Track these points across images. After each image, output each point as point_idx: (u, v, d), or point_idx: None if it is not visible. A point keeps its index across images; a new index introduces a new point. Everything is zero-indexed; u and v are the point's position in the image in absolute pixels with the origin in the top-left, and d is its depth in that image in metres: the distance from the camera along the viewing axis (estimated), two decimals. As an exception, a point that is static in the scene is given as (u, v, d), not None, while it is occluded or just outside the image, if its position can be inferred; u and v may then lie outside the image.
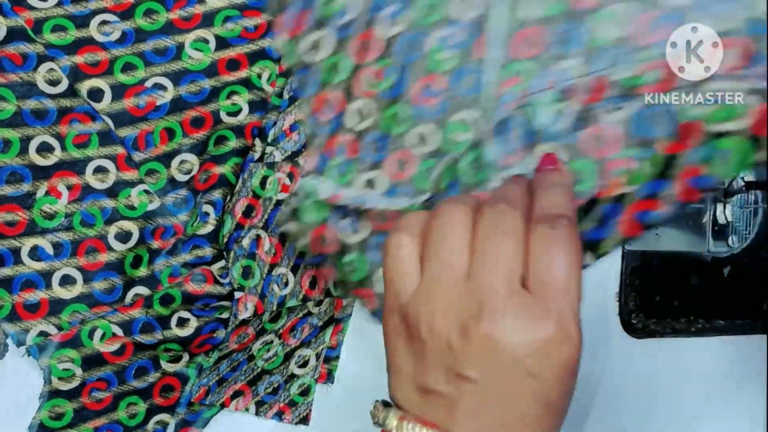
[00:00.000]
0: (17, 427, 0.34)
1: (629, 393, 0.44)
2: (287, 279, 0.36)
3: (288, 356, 0.37)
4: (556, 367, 0.24)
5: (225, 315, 0.35)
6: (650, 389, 0.45)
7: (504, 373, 0.24)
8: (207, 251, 0.34)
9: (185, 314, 0.34)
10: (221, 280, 0.34)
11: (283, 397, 0.37)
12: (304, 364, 0.37)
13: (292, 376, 0.37)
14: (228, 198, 0.35)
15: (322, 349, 0.37)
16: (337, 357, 0.38)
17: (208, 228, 0.34)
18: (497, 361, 0.24)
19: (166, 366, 0.35)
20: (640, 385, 0.45)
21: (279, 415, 0.37)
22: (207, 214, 0.34)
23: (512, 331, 0.24)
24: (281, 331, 0.37)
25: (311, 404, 0.37)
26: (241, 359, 0.36)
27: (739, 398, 0.47)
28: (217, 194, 0.34)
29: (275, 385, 0.37)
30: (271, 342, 0.37)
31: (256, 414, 0.37)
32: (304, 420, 0.37)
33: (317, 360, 0.37)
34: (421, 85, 0.32)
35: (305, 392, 0.37)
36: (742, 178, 0.44)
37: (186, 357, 0.35)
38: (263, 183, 0.35)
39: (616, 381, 0.44)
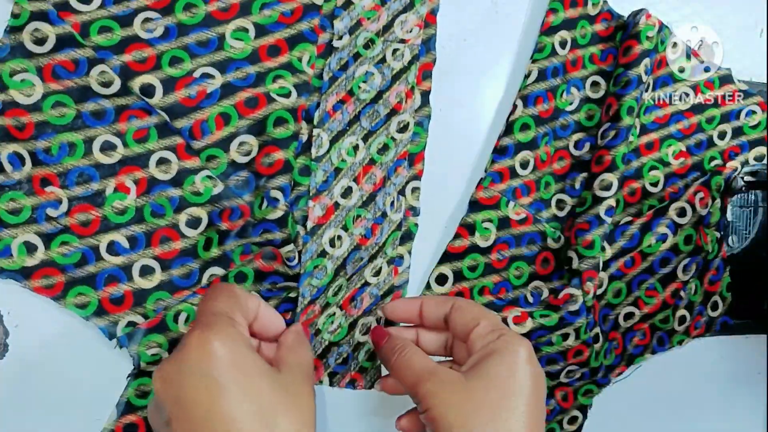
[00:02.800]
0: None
1: (629, 393, 0.45)
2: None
3: (352, 326, 0.39)
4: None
5: (293, 294, 0.37)
6: (650, 389, 0.45)
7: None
8: (277, 235, 0.35)
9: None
10: (289, 264, 0.36)
11: (353, 366, 0.40)
12: (368, 331, 0.40)
13: (359, 344, 0.40)
14: (292, 183, 0.37)
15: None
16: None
17: (278, 213, 0.35)
18: None
19: None
20: (640, 384, 0.45)
21: (352, 383, 0.40)
22: (276, 199, 0.35)
23: None
24: (341, 302, 0.39)
25: (380, 367, 0.40)
26: (309, 334, 0.39)
27: (739, 398, 0.48)
28: (283, 179, 0.35)
29: (344, 356, 0.39)
30: (334, 314, 0.39)
31: (330, 385, 0.39)
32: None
33: None
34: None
35: (372, 357, 0.40)
36: (742, 178, 0.46)
37: None
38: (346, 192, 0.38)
39: (617, 381, 0.45)
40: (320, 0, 0.37)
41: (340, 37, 0.38)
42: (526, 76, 0.41)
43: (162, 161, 0.35)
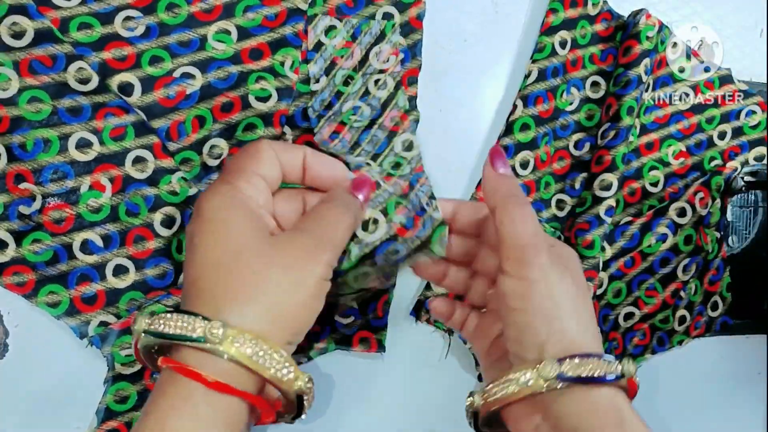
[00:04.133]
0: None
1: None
2: None
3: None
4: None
5: None
6: (650, 389, 0.45)
7: None
8: None
9: None
10: None
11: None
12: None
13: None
14: None
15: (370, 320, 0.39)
16: (385, 326, 0.39)
17: None
18: None
19: None
20: (640, 385, 0.45)
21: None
22: None
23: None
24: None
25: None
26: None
27: (739, 398, 0.47)
28: None
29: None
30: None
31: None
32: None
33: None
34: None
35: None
36: (742, 178, 0.45)
37: None
38: None
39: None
40: (304, 5, 0.37)
41: (317, 80, 0.37)
42: (526, 76, 0.41)
43: (138, 160, 0.35)
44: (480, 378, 0.41)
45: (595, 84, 0.42)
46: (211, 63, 0.35)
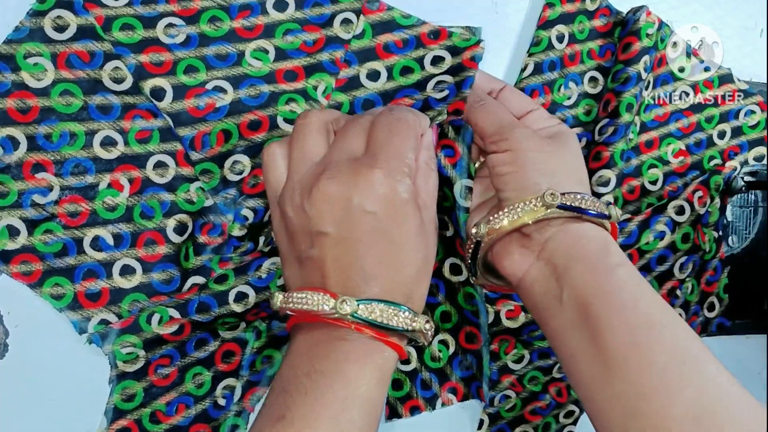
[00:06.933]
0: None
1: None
2: None
3: None
4: (387, 201, 0.29)
5: (281, 282, 0.36)
6: None
7: (349, 219, 0.29)
8: (246, 245, 0.36)
9: (244, 288, 0.35)
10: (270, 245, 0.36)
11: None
12: None
13: None
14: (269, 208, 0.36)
15: None
16: None
17: (243, 231, 0.35)
18: (339, 209, 0.29)
19: (224, 334, 0.36)
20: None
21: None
22: (246, 218, 0.35)
23: (345, 181, 0.29)
24: None
25: None
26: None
27: None
28: (260, 202, 0.35)
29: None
30: None
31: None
32: None
33: None
34: None
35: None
36: (742, 178, 0.45)
37: (243, 324, 0.37)
38: None
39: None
40: (346, 35, 0.38)
41: None
42: (523, 70, 0.41)
43: (159, 164, 0.35)
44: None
45: (593, 79, 0.43)
46: (245, 80, 0.36)
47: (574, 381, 0.30)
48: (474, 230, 0.33)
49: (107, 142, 0.34)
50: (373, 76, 0.38)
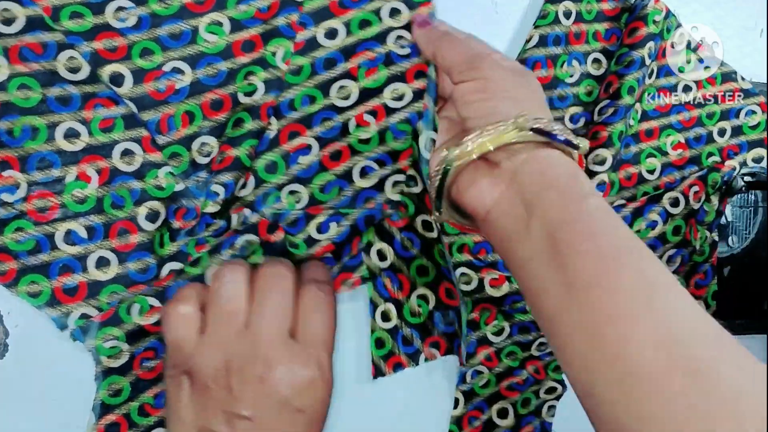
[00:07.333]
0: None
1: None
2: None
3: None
4: (318, 402, 0.30)
5: (258, 260, 0.35)
6: None
7: (275, 411, 0.29)
8: (219, 223, 0.35)
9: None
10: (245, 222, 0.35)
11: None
12: None
13: None
14: (239, 180, 0.35)
15: None
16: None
17: (215, 208, 0.34)
18: (270, 400, 0.29)
19: None
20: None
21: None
22: (216, 194, 0.35)
23: (283, 375, 0.29)
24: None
25: None
26: None
27: None
28: (229, 176, 0.35)
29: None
30: None
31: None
32: None
33: None
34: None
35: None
36: (742, 178, 0.45)
37: None
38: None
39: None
40: None
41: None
42: (527, 41, 0.41)
43: (126, 152, 0.34)
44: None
45: (596, 61, 0.42)
46: (201, 59, 0.35)
47: (538, 314, 0.29)
48: (444, 153, 0.32)
49: (70, 134, 0.34)
50: (331, 34, 0.36)
